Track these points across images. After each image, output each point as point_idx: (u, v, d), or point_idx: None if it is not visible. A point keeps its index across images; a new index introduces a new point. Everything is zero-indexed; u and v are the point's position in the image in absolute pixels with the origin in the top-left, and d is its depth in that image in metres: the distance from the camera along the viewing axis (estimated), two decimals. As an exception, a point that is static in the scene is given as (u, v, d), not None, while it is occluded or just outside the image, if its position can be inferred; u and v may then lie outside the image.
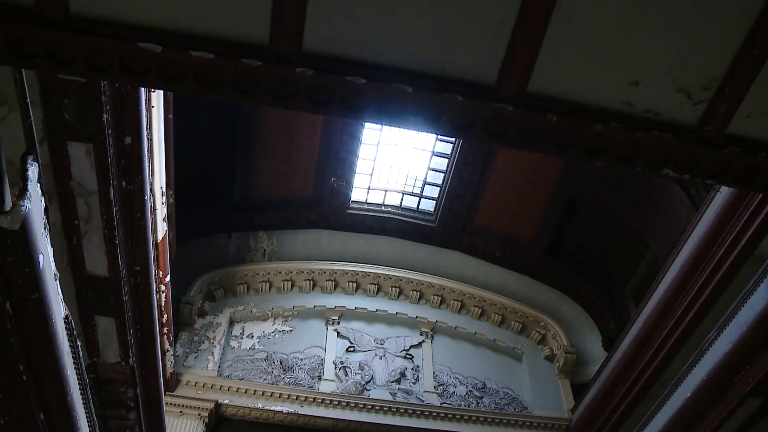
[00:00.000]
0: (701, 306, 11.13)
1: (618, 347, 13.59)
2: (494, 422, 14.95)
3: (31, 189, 4.28)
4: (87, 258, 7.75)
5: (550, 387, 16.09)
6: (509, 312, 17.35)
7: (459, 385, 15.76)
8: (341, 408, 14.37)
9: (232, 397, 13.95)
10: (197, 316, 15.09)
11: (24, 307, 4.77)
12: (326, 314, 16.45)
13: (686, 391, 9.99)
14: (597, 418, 14.20)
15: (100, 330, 8.27)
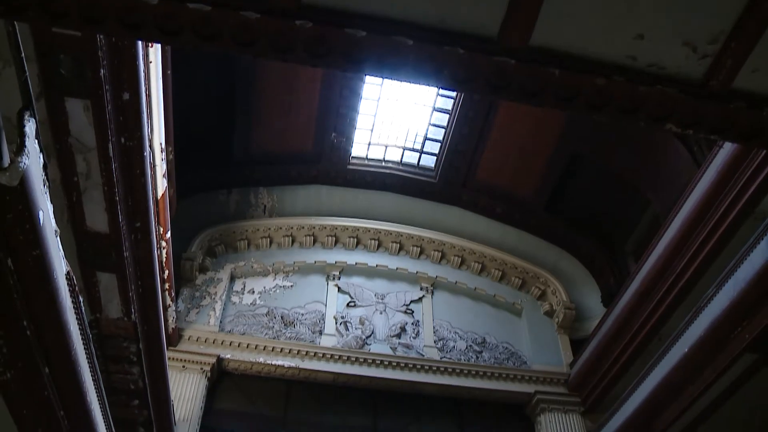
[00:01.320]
0: (701, 262, 11.18)
1: (617, 303, 13.68)
2: (493, 376, 15.14)
3: (29, 145, 4.23)
4: (87, 214, 7.73)
5: (549, 342, 16.25)
6: (509, 267, 17.42)
7: (459, 339, 15.91)
8: (342, 362, 14.54)
9: (233, 351, 14.10)
10: (198, 272, 15.17)
11: (25, 264, 4.76)
12: (327, 269, 16.53)
13: (684, 347, 10.06)
14: (595, 373, 14.38)
15: (101, 286, 8.30)
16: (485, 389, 14.99)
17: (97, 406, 6.92)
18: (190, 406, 12.96)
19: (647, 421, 11.15)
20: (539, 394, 14.95)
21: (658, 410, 10.89)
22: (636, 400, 11.39)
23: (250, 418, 14.28)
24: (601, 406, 14.23)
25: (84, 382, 6.34)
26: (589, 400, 14.75)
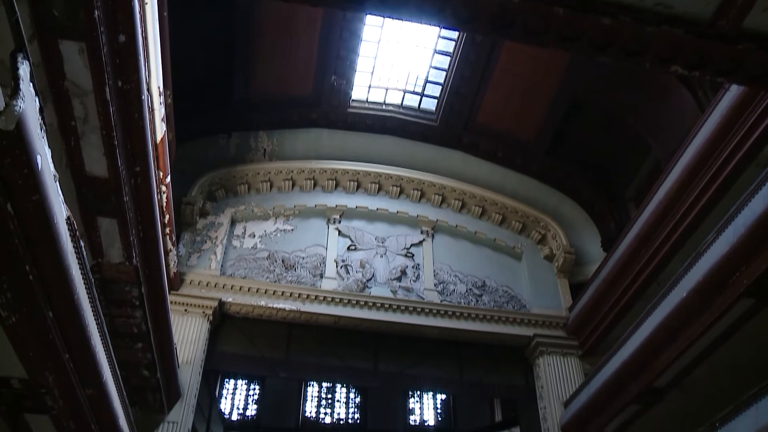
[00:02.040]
0: (701, 208, 11.17)
1: (617, 248, 13.74)
2: (493, 319, 15.30)
3: (23, 88, 4.15)
4: (86, 159, 7.68)
5: (548, 286, 16.37)
6: (510, 212, 17.44)
7: (459, 283, 16.02)
8: (343, 305, 14.68)
9: (235, 295, 14.22)
10: (199, 217, 15.19)
11: (25, 209, 4.74)
12: (327, 213, 16.55)
13: (682, 291, 10.13)
14: (593, 317, 14.53)
15: (102, 231, 8.31)
16: (485, 332, 15.18)
17: (101, 348, 6.99)
18: (192, 349, 13.14)
19: (644, 363, 11.29)
20: (538, 337, 15.15)
21: (655, 353, 11.02)
22: (634, 343, 11.51)
23: (252, 360, 14.49)
24: (599, 349, 14.44)
25: (87, 326, 6.39)
26: (587, 344, 14.95)
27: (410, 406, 24.13)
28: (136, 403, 11.43)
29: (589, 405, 12.92)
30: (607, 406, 12.45)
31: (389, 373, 15.10)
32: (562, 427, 13.83)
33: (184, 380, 12.52)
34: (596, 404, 12.71)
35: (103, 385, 7.21)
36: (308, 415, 23.48)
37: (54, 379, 6.16)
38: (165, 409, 12.03)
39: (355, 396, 24.05)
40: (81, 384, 6.72)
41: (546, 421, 14.25)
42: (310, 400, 23.80)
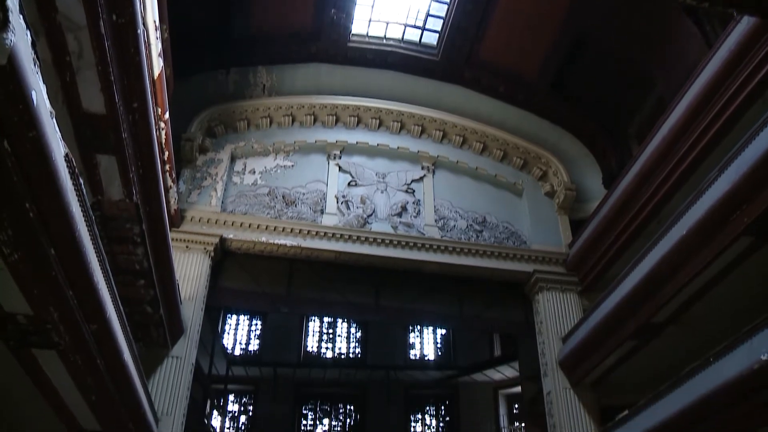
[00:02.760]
0: (705, 145, 11.08)
1: (618, 185, 13.70)
2: (493, 255, 15.39)
3: (13, 21, 4.02)
4: (82, 95, 7.57)
5: (549, 222, 16.41)
6: (511, 148, 17.33)
7: (459, 219, 16.05)
8: (343, 241, 14.74)
9: (236, 231, 14.26)
10: (198, 153, 15.10)
11: (22, 146, 4.69)
12: (327, 149, 16.45)
13: (682, 229, 10.14)
14: (593, 253, 14.60)
15: (101, 168, 8.25)
16: (485, 268, 15.29)
17: (104, 285, 7.04)
18: (194, 285, 13.26)
19: (643, 299, 11.41)
20: (538, 273, 15.28)
21: (653, 290, 11.12)
22: (633, 279, 11.60)
23: (254, 295, 14.63)
24: (598, 285, 14.57)
25: (90, 262, 6.41)
26: (586, 280, 15.08)
27: (410, 341, 24.57)
28: (140, 339, 11.58)
29: (587, 340, 13.13)
30: (605, 341, 12.64)
31: (390, 308, 15.28)
32: (560, 362, 14.07)
33: (186, 316, 12.68)
34: (594, 340, 12.91)
35: (106, 321, 7.28)
36: (310, 349, 23.92)
37: (58, 315, 6.21)
38: (168, 345, 12.22)
39: (355, 331, 24.45)
40: (85, 320, 6.77)
41: (544, 356, 14.50)
42: (312, 335, 24.22)
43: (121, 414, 8.75)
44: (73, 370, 7.05)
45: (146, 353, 11.77)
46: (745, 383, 8.32)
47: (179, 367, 12.33)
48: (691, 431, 9.60)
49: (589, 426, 13.38)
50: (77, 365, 7.02)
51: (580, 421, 13.46)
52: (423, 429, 23.22)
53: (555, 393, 13.89)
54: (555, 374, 14.09)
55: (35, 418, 8.56)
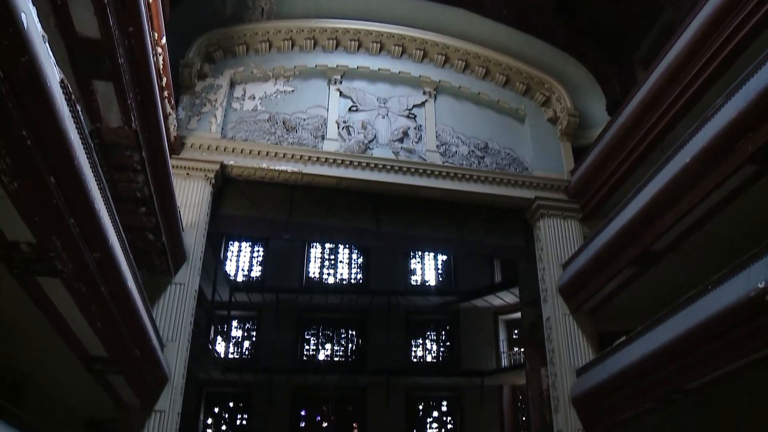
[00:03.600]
0: (712, 72, 10.89)
1: (622, 111, 13.54)
2: (495, 181, 15.36)
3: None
4: (75, 19, 7.37)
5: (551, 149, 16.31)
6: (514, 73, 17.04)
7: (461, 144, 15.94)
8: (344, 166, 14.68)
9: (236, 158, 14.18)
10: (197, 79, 14.85)
11: (15, 72, 4.59)
12: (328, 73, 16.18)
13: (685, 157, 10.08)
14: (595, 181, 14.57)
15: (99, 95, 8.12)
16: (486, 194, 15.30)
17: (105, 212, 7.03)
18: (196, 212, 13.27)
19: (643, 227, 11.45)
20: (539, 199, 15.29)
21: (654, 218, 11.14)
22: (634, 207, 11.61)
23: (256, 222, 14.68)
24: (599, 212, 14.59)
25: (90, 190, 6.39)
26: (587, 207, 15.09)
27: (411, 267, 24.78)
28: (143, 266, 11.68)
29: (587, 267, 13.24)
30: (604, 268, 12.76)
31: (391, 234, 15.36)
32: (560, 288, 14.23)
33: (188, 243, 12.75)
34: (594, 266, 13.02)
35: (109, 249, 7.31)
36: (311, 275, 24.17)
37: (61, 243, 6.23)
38: (171, 272, 12.33)
39: (357, 256, 24.65)
40: (88, 247, 6.80)
41: (544, 282, 14.66)
42: (313, 260, 24.43)
43: (127, 340, 8.89)
44: (78, 297, 7.12)
45: (149, 280, 11.89)
46: (741, 310, 8.43)
47: (182, 293, 12.48)
48: (688, 357, 9.77)
49: (587, 351, 13.64)
50: (82, 293, 7.08)
51: (579, 347, 13.72)
52: (423, 353, 23.68)
53: (554, 319, 14.11)
54: (555, 300, 14.27)
55: (44, 346, 8.70)
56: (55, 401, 10.85)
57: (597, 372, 12.46)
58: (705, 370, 9.61)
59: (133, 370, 9.71)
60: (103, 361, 8.93)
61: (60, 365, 9.41)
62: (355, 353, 23.52)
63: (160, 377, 11.33)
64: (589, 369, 12.93)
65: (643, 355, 10.72)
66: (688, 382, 10.10)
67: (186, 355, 12.24)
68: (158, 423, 11.40)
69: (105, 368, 9.17)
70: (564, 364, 13.56)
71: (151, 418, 11.40)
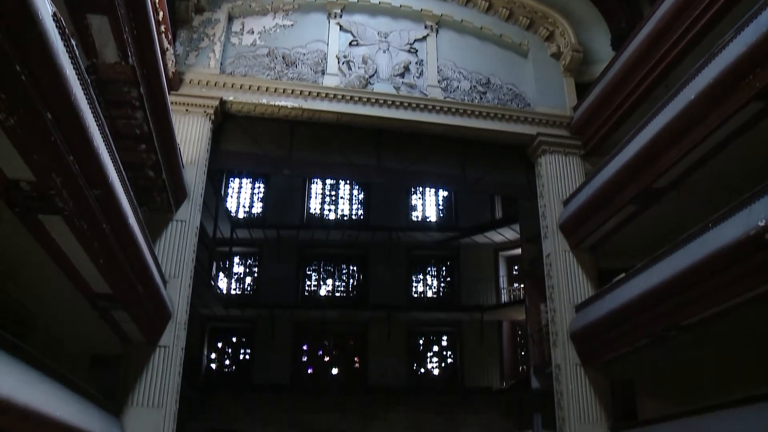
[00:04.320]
0: (721, 6, 10.63)
1: (627, 47, 13.31)
2: (497, 117, 15.23)
3: None
4: (67, -51, 7.17)
5: (554, 84, 16.09)
6: (517, 6, 16.67)
7: (463, 80, 15.74)
8: (345, 102, 14.53)
9: (236, 93, 14.02)
10: (194, 13, 14.54)
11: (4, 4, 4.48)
12: (328, 7, 15.84)
13: (690, 93, 9.96)
14: (598, 117, 14.43)
15: (94, 29, 7.93)
16: (488, 130, 15.20)
17: (104, 149, 6.99)
18: (196, 149, 13.21)
19: (646, 164, 11.39)
20: (541, 135, 15.18)
21: (657, 155, 11.08)
22: (637, 144, 11.53)
23: (256, 158, 14.62)
24: (601, 149, 14.51)
25: (88, 127, 6.33)
26: (590, 144, 15.00)
27: (412, 203, 24.79)
28: (144, 204, 11.69)
29: (588, 204, 13.24)
30: (605, 205, 12.76)
31: (392, 170, 15.33)
32: (561, 225, 14.27)
33: (189, 180, 12.73)
34: (595, 203, 13.02)
35: (109, 186, 7.29)
36: (312, 211, 24.20)
37: (61, 181, 6.21)
38: (173, 209, 12.35)
39: (358, 192, 24.64)
40: (88, 185, 6.78)
41: (545, 219, 14.69)
42: (314, 197, 24.43)
43: (130, 277, 8.96)
44: (80, 235, 7.14)
45: (151, 218, 11.91)
46: (741, 248, 8.46)
47: (184, 230, 12.54)
48: (686, 294, 9.86)
49: (586, 288, 13.77)
50: (83, 230, 7.10)
51: (578, 283, 13.86)
52: (424, 289, 23.90)
53: (554, 255, 14.20)
54: (555, 237, 14.34)
55: (49, 284, 8.79)
56: (62, 338, 11.03)
57: (596, 308, 12.61)
58: (702, 307, 9.72)
59: (137, 306, 9.82)
60: (107, 298, 9.03)
61: (65, 303, 9.53)
62: (356, 289, 23.73)
63: (164, 313, 11.48)
64: (588, 305, 13.09)
65: (642, 291, 10.83)
66: (685, 318, 10.23)
67: (188, 292, 12.38)
68: (162, 358, 11.64)
69: (109, 305, 9.28)
70: (563, 300, 13.72)
71: (155, 353, 11.63)
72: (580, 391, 13.02)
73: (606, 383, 13.29)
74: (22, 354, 6.78)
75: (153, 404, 11.32)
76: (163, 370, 11.56)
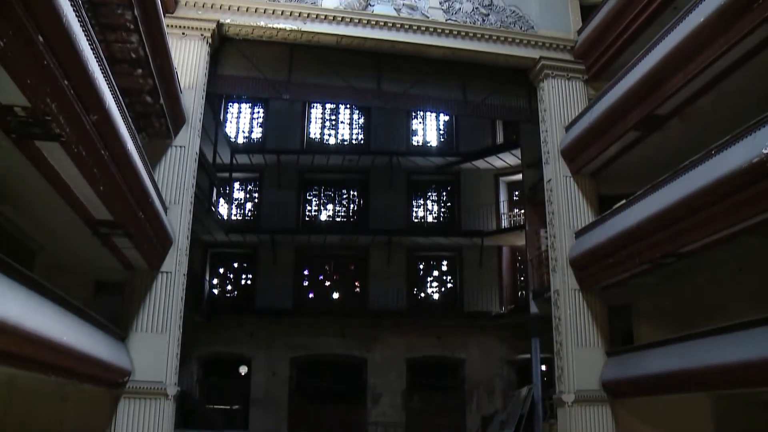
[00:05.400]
0: None
1: (635, -34, 12.92)
2: (499, 40, 14.92)
3: None
4: None
5: (558, 7, 15.65)
6: (521, -76, 16.09)
7: (465, 1, 15.33)
8: (345, 24, 14.21)
9: (233, 15, 13.68)
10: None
11: None
12: (327, -75, 15.29)
13: (699, 16, 9.70)
14: (603, 41, 14.12)
15: (85, -53, 7.71)
16: (490, 53, 14.92)
17: (99, 73, 6.88)
18: (193, 73, 12.99)
19: (650, 90, 11.21)
20: (544, 59, 14.90)
21: (662, 80, 10.90)
22: (641, 68, 11.34)
23: (255, 82, 14.40)
24: (605, 74, 14.27)
25: (82, 50, 6.22)
26: (593, 68, 14.73)
27: (413, 127, 24.60)
28: (142, 130, 11.61)
29: (590, 129, 13.12)
30: (608, 131, 12.64)
31: (392, 93, 15.15)
32: (562, 150, 14.17)
33: (187, 105, 12.58)
34: (598, 129, 12.90)
35: (106, 111, 7.23)
36: (313, 136, 24.05)
37: (57, 106, 6.13)
38: (171, 135, 12.25)
39: (358, 117, 24.43)
40: (84, 110, 6.72)
41: (546, 144, 14.58)
42: (314, 121, 24.24)
43: (130, 203, 8.98)
44: (79, 161, 7.11)
45: (150, 144, 11.86)
46: (744, 175, 8.41)
47: (183, 156, 12.47)
48: (686, 221, 9.87)
49: (587, 213, 13.78)
50: (82, 156, 7.07)
51: (579, 209, 13.87)
52: (424, 214, 23.96)
53: (555, 181, 14.16)
54: (556, 162, 14.26)
55: (51, 212, 8.80)
56: (66, 265, 11.13)
57: (596, 234, 12.67)
58: (701, 235, 9.74)
59: (138, 232, 9.87)
60: (109, 225, 9.07)
61: (67, 230, 9.58)
62: (356, 214, 23.80)
63: (165, 239, 11.55)
64: (587, 231, 13.14)
65: (643, 218, 10.85)
66: (683, 245, 10.27)
67: (189, 218, 12.42)
68: (165, 284, 11.79)
69: (111, 231, 9.32)
70: (563, 226, 13.77)
71: (158, 279, 11.77)
72: (578, 316, 13.21)
73: (604, 308, 13.48)
74: (28, 281, 6.86)
75: (157, 329, 11.52)
76: (166, 295, 11.72)
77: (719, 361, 9.57)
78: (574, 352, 12.96)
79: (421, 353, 21.84)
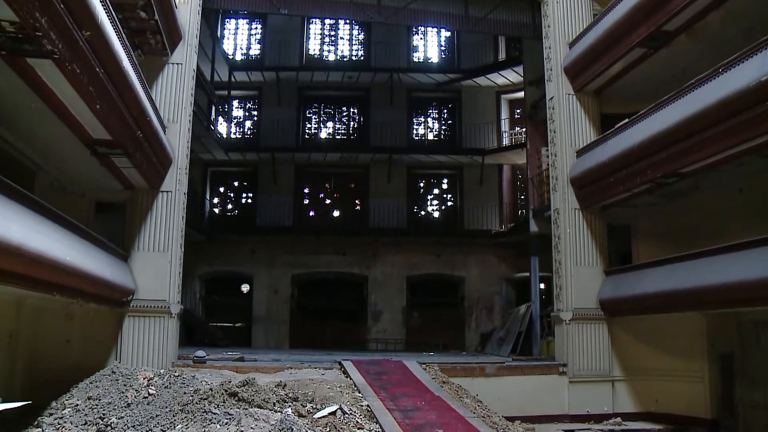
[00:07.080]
0: None
1: None
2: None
3: None
4: None
5: None
6: None
7: None
8: None
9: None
10: None
11: None
12: None
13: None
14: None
15: None
16: (493, -38, 14.47)
17: (92, -13, 6.68)
18: (189, -15, 12.61)
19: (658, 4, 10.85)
20: (549, -28, 14.42)
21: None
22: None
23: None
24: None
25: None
26: (600, -17, 14.28)
27: (414, 44, 24.12)
28: (138, 47, 11.36)
29: (594, 46, 12.83)
30: (613, 48, 12.36)
31: (393, 8, 14.85)
32: (565, 67, 13.91)
33: (183, 21, 12.28)
34: (602, 45, 12.61)
35: (99, 26, 7.06)
36: (312, 52, 23.60)
37: (47, 21, 5.95)
38: (168, 52, 12.01)
39: (358, 33, 23.92)
40: (76, 26, 6.54)
41: (549, 61, 14.29)
42: (313, 37, 23.76)
43: (128, 122, 8.89)
44: (74, 79, 6.97)
45: (146, 62, 11.67)
46: (750, 95, 8.27)
47: (180, 73, 12.25)
48: (688, 141, 9.78)
49: (589, 132, 13.65)
50: (76, 74, 6.93)
51: (581, 127, 13.72)
52: (425, 131, 23.76)
53: (558, 98, 13.95)
54: (559, 79, 14.01)
55: (49, 133, 8.69)
56: (66, 186, 11.09)
57: (597, 153, 12.59)
58: (705, 155, 9.66)
59: (137, 151, 9.80)
60: (107, 144, 8.99)
61: (67, 152, 9.51)
62: (356, 131, 23.61)
63: (164, 158, 11.49)
64: (589, 150, 13.05)
65: (646, 137, 10.76)
66: (685, 165, 10.23)
67: (188, 136, 12.32)
68: (165, 202, 11.82)
69: (109, 150, 9.25)
70: (565, 145, 13.66)
71: (158, 198, 11.80)
72: (577, 235, 13.29)
73: (603, 228, 13.55)
74: (31, 202, 6.85)
75: (159, 248, 11.62)
76: (167, 214, 11.77)
77: (714, 281, 9.70)
78: (572, 271, 13.10)
79: (421, 271, 22.09)
